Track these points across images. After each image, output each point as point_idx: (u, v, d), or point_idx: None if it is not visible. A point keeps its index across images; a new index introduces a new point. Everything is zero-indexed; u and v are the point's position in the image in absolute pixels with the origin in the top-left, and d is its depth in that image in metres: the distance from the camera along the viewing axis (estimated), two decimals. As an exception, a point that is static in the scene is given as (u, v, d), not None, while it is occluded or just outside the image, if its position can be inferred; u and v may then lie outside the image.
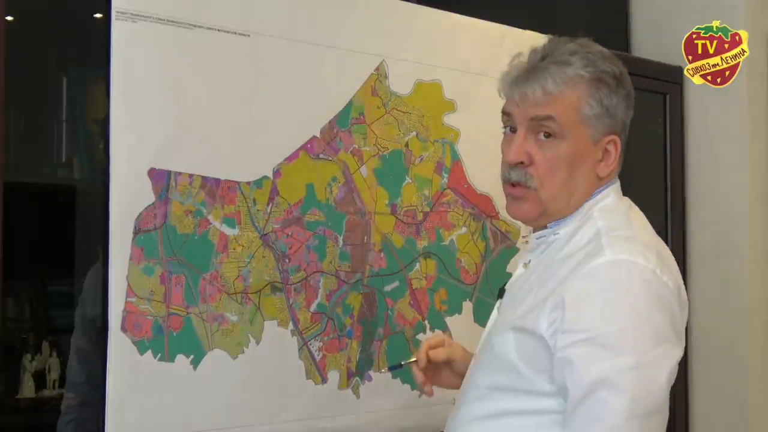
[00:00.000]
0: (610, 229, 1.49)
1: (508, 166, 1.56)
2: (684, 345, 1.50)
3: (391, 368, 1.89)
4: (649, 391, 1.40)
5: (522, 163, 1.53)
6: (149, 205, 1.77)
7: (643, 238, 1.51)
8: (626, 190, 1.68)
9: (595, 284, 1.43)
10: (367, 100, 2.10)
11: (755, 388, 3.04)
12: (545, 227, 1.58)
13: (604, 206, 1.55)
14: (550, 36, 1.59)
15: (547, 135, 1.52)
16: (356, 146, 2.08)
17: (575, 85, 1.51)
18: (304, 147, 1.99)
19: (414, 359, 1.74)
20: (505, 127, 1.59)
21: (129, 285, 1.74)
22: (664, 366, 1.42)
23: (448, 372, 1.76)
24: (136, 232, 1.75)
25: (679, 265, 2.76)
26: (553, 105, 1.51)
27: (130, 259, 1.74)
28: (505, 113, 1.58)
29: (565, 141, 1.51)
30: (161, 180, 1.78)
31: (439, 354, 1.74)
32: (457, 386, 1.70)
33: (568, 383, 1.41)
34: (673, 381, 1.46)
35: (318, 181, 2.01)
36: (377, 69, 2.13)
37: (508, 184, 1.57)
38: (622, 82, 1.55)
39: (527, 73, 1.53)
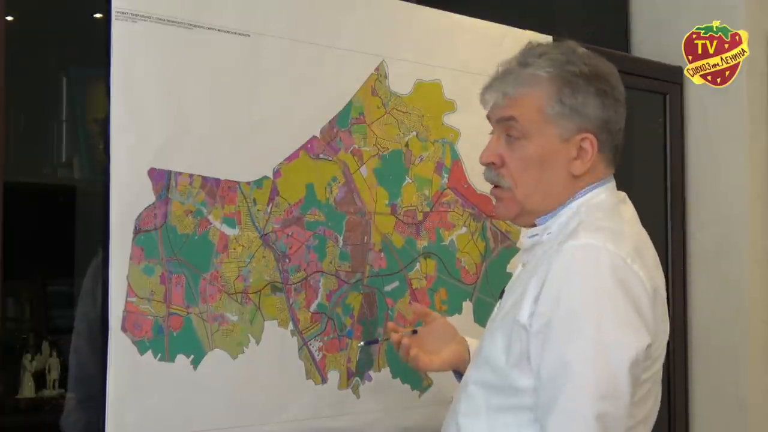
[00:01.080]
0: (589, 219, 1.52)
1: (485, 167, 1.62)
2: (659, 340, 1.51)
3: (368, 343, 1.94)
4: (609, 373, 1.41)
5: (493, 164, 1.60)
6: (149, 205, 1.77)
7: (623, 228, 1.53)
8: (626, 191, 1.68)
9: (562, 265, 1.45)
10: (367, 100, 2.10)
11: (755, 388, 3.04)
12: (535, 225, 1.61)
13: (593, 203, 1.57)
14: (530, 41, 1.65)
15: (515, 136, 1.57)
16: (356, 146, 2.08)
17: (535, 86, 1.56)
18: (304, 147, 1.99)
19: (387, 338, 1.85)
20: (491, 132, 1.65)
21: (129, 285, 1.74)
22: (626, 350, 1.42)
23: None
24: (137, 232, 1.75)
25: (679, 265, 2.77)
26: (514, 106, 1.57)
27: (131, 259, 1.74)
28: (487, 118, 1.65)
29: (531, 141, 1.56)
30: (161, 180, 1.78)
31: (417, 308, 1.88)
32: (430, 364, 1.80)
33: (540, 365, 1.44)
34: (638, 368, 1.45)
35: (318, 181, 2.01)
36: (377, 69, 2.13)
37: (491, 185, 1.64)
38: (594, 80, 1.56)
39: (493, 80, 1.60)
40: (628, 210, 1.62)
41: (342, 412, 2.03)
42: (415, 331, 1.83)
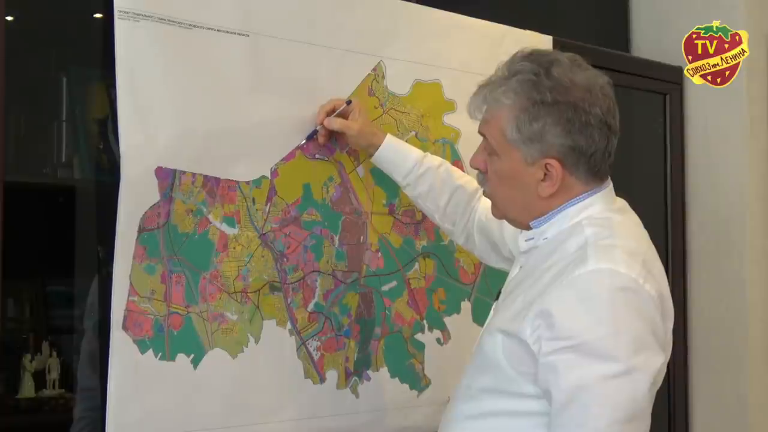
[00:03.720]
0: (596, 238, 1.52)
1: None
2: (667, 354, 1.53)
3: (308, 138, 1.99)
4: (630, 398, 1.42)
5: (479, 169, 1.64)
6: (154, 204, 1.77)
7: (630, 245, 1.52)
8: (626, 190, 1.69)
9: (577, 293, 1.46)
10: (364, 100, 2.10)
11: (755, 388, 3.05)
12: (530, 228, 1.62)
13: (593, 215, 1.57)
14: (522, 48, 1.64)
15: (488, 151, 1.61)
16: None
17: (499, 110, 1.57)
18: (300, 147, 1.99)
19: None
20: None
21: (131, 284, 1.74)
22: (645, 373, 1.44)
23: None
24: (141, 230, 1.75)
25: (679, 265, 2.77)
26: (485, 125, 1.61)
27: (134, 258, 1.74)
28: None
29: (500, 159, 1.59)
30: (167, 179, 1.79)
31: (333, 123, 1.97)
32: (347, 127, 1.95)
33: (551, 388, 1.45)
34: (657, 388, 1.48)
35: (315, 181, 2.01)
36: (374, 69, 2.13)
37: None
38: (557, 107, 1.53)
39: (478, 89, 1.62)
40: (632, 218, 1.62)
41: (340, 411, 2.03)
42: (349, 102, 1.98)
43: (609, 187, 1.62)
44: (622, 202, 1.64)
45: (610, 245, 1.50)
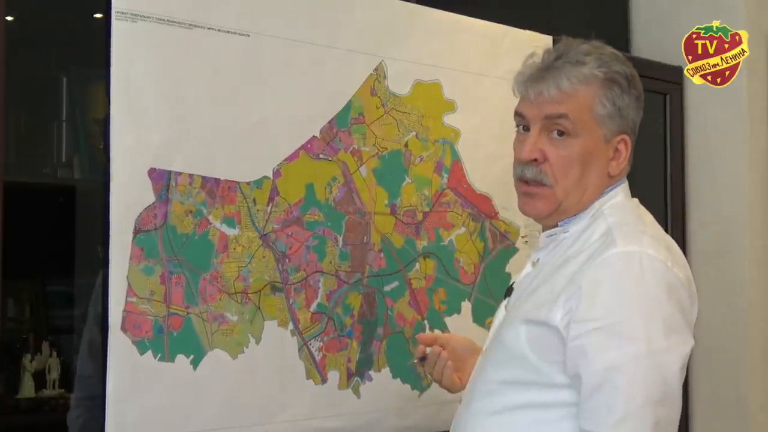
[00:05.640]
0: (620, 224, 1.51)
1: (522, 163, 1.57)
2: (693, 338, 1.51)
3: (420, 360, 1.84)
4: (661, 379, 1.41)
5: (536, 160, 1.55)
6: (149, 205, 1.77)
7: (653, 231, 1.53)
8: (627, 190, 1.68)
9: (607, 274, 1.45)
10: (367, 100, 2.10)
11: (755, 388, 3.05)
12: (556, 225, 1.60)
13: (614, 204, 1.57)
14: (565, 37, 1.61)
15: (561, 133, 1.54)
16: (356, 146, 2.08)
17: (589, 85, 1.54)
18: (304, 147, 1.99)
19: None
20: (518, 126, 1.61)
21: (129, 285, 1.74)
22: (676, 355, 1.43)
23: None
24: (136, 232, 1.75)
25: (679, 265, 2.69)
26: (567, 103, 1.53)
27: (130, 259, 1.74)
28: (518, 114, 1.60)
29: (578, 139, 1.54)
30: (161, 180, 1.78)
31: (423, 338, 1.80)
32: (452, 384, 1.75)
33: (581, 371, 1.43)
34: (684, 371, 1.46)
35: (318, 181, 2.01)
36: (376, 69, 2.13)
37: (522, 181, 1.58)
38: (633, 83, 1.57)
39: (542, 72, 1.55)
40: (647, 214, 1.62)
41: (342, 412, 2.03)
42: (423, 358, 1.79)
43: (627, 182, 1.63)
44: (636, 200, 1.64)
45: (636, 230, 1.51)
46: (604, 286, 1.44)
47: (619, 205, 1.57)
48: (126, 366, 1.72)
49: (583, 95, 1.53)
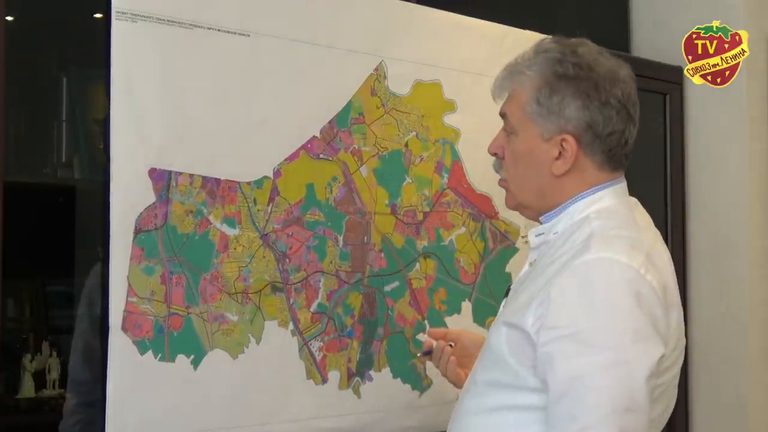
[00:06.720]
0: (601, 229, 1.52)
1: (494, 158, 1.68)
2: (676, 344, 1.52)
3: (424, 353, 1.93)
4: (628, 387, 1.40)
5: (496, 155, 1.65)
6: (150, 205, 1.77)
7: (634, 236, 1.52)
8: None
9: (576, 282, 1.45)
10: (367, 100, 2.10)
11: (755, 388, 3.05)
12: (541, 223, 1.63)
13: (602, 208, 1.57)
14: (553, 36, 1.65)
15: (507, 131, 1.63)
16: (356, 146, 2.08)
17: (521, 84, 1.59)
18: (304, 147, 1.99)
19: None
20: None
21: (129, 285, 1.74)
22: (643, 363, 1.42)
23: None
24: (137, 232, 1.75)
25: (679, 265, 2.75)
26: (507, 103, 1.63)
27: (131, 259, 1.74)
28: None
29: (518, 137, 1.60)
30: (162, 180, 1.78)
31: (434, 333, 1.91)
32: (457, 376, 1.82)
33: (548, 378, 1.43)
34: (655, 379, 1.45)
35: (318, 181, 2.01)
36: (376, 69, 2.13)
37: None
38: (577, 82, 1.55)
39: (501, 71, 1.65)
40: (643, 217, 1.62)
41: (342, 412, 2.03)
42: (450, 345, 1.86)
43: (622, 183, 1.62)
44: (634, 201, 1.64)
45: (615, 236, 1.50)
46: (572, 293, 1.44)
47: (606, 209, 1.56)
48: (126, 366, 1.72)
49: (518, 95, 1.60)
